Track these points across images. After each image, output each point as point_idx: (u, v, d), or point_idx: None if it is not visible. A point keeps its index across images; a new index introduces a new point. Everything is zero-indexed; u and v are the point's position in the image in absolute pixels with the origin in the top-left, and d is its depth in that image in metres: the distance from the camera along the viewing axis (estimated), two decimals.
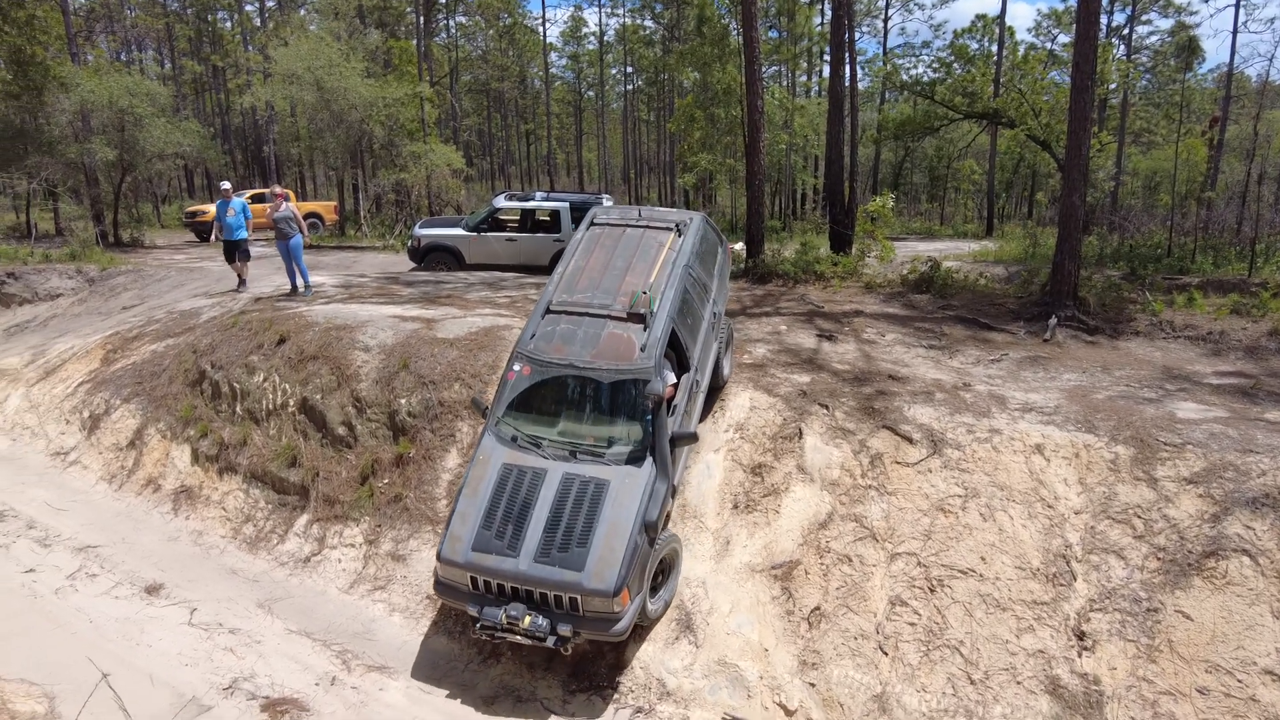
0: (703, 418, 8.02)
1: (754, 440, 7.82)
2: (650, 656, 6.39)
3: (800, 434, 7.69)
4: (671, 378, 6.99)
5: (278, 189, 13.24)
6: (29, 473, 9.96)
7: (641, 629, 6.43)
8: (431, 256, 16.11)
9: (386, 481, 8.30)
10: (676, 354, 7.19)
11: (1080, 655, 5.83)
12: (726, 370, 8.47)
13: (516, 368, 6.94)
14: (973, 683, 5.74)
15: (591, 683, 6.35)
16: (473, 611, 6.02)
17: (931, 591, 6.23)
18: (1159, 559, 6.08)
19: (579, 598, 5.81)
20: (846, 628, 6.22)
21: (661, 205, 44.88)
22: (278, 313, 11.13)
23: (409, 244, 17.08)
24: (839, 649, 6.13)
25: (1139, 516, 6.35)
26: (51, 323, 14.78)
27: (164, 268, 17.10)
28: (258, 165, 38.92)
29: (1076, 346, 9.63)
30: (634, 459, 6.38)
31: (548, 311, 7.19)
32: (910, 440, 7.27)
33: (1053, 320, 9.94)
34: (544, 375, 6.85)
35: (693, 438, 6.82)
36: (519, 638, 5.87)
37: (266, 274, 14.88)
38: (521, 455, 6.57)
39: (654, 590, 6.47)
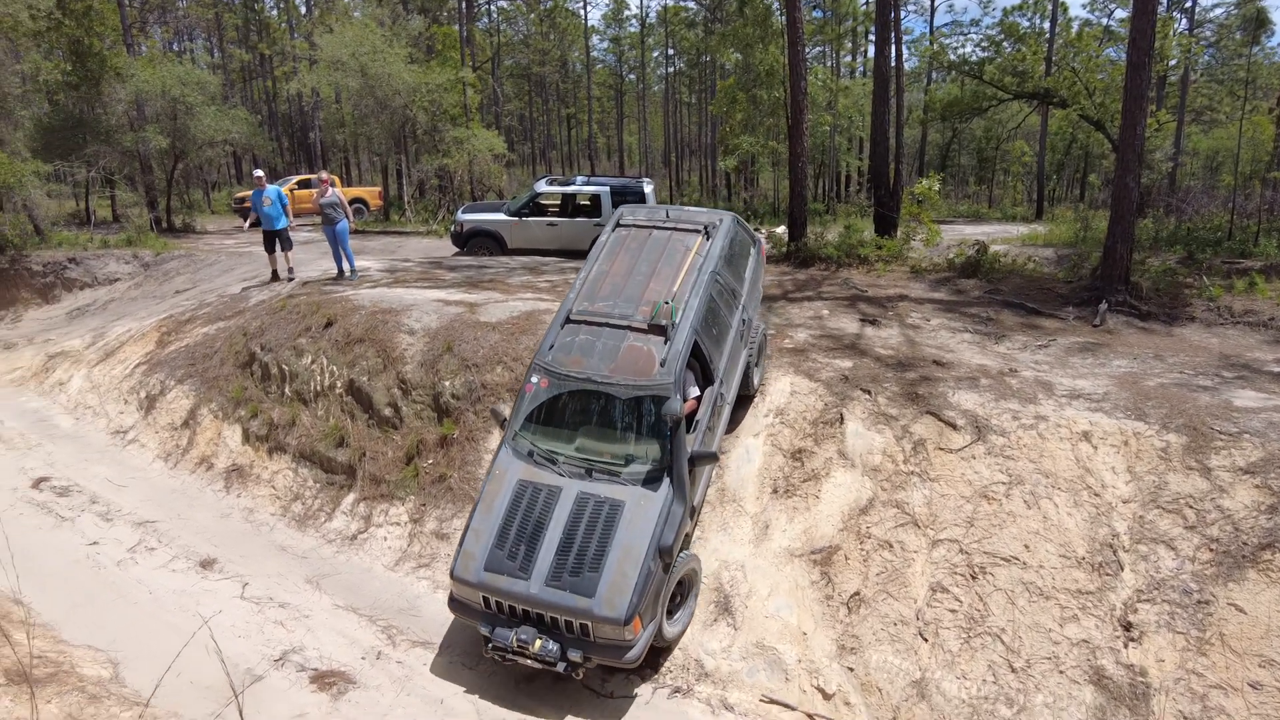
0: (732, 426, 7.79)
1: (794, 425, 7.79)
2: (689, 638, 6.44)
3: (841, 419, 7.64)
4: (694, 391, 6.73)
5: (324, 175, 13.37)
6: (91, 450, 10.35)
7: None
8: (474, 241, 16.27)
9: (431, 462, 8.46)
10: (700, 366, 6.90)
11: (1126, 646, 5.73)
12: (757, 379, 8.12)
13: (534, 380, 6.72)
14: (1014, 671, 5.68)
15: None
16: (484, 631, 5.90)
17: (973, 579, 6.17)
18: (1211, 550, 5.93)
19: (590, 624, 5.64)
20: (886, 613, 6.19)
21: (703, 188, 44.63)
22: (325, 297, 11.37)
23: (452, 229, 17.27)
24: (878, 634, 6.11)
25: (1191, 506, 6.19)
26: (110, 306, 15.29)
27: (214, 253, 17.54)
28: (304, 151, 39.57)
29: (1128, 333, 9.39)
30: (651, 480, 6.10)
31: (568, 321, 6.92)
32: (954, 426, 7.18)
33: (1103, 305, 9.69)
34: (561, 389, 6.62)
35: (713, 458, 6.47)
36: (529, 661, 5.75)
37: (313, 259, 15.18)
38: (537, 471, 6.37)
39: (671, 612, 6.28)
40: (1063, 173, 39.86)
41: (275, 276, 13.74)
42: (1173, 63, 25.40)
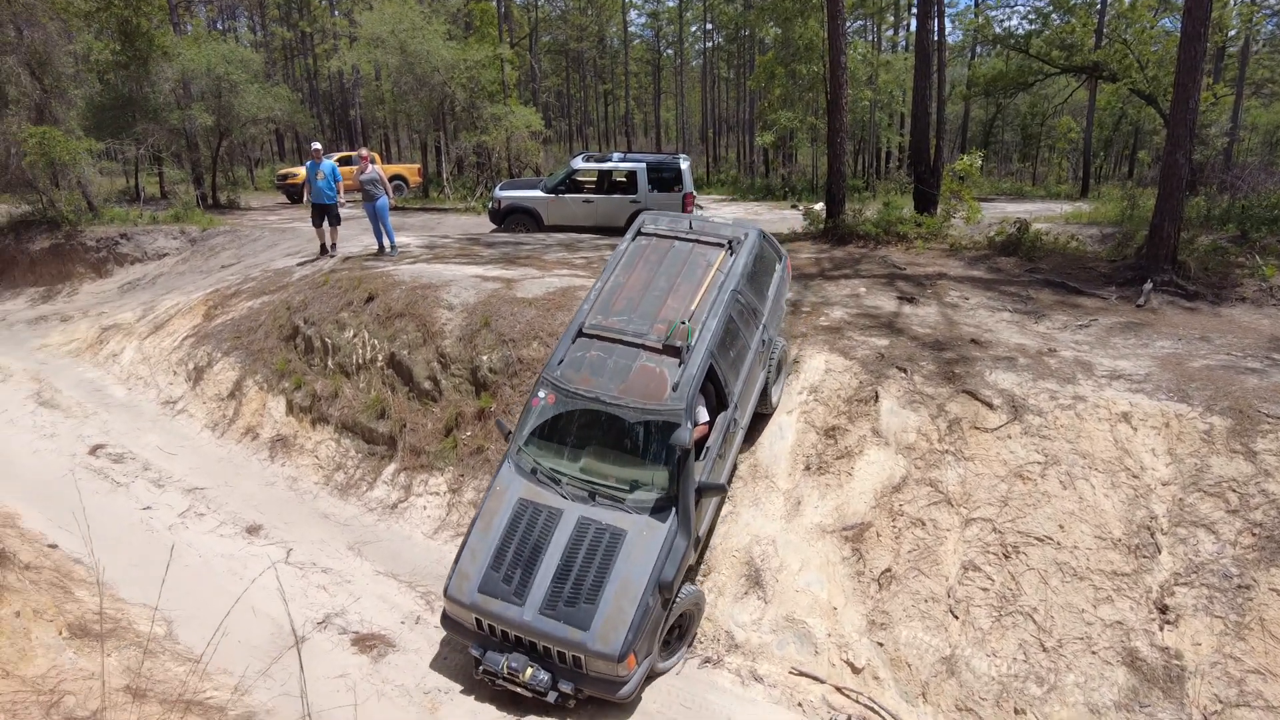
0: (745, 447, 7.52)
1: (828, 403, 7.79)
2: (720, 610, 6.54)
3: (876, 397, 7.63)
4: (704, 416, 6.40)
5: (364, 151, 13.53)
6: (143, 419, 10.72)
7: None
8: (511, 218, 16.37)
9: (469, 434, 8.63)
10: (715, 389, 6.59)
11: (1162, 629, 5.69)
12: (775, 398, 7.79)
13: (541, 395, 6.50)
14: (1045, 650, 5.68)
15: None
16: (475, 654, 5.78)
17: (1006, 558, 6.16)
18: (1254, 535, 5.84)
19: (583, 657, 5.48)
20: (917, 590, 6.22)
21: (740, 164, 44.22)
22: (366, 272, 11.58)
23: (489, 206, 17.39)
24: (908, 611, 6.14)
25: (1234, 490, 6.10)
26: (159, 280, 15.73)
27: (258, 228, 17.89)
28: (344, 128, 40.01)
29: (1173, 313, 9.19)
30: (656, 509, 5.86)
31: (580, 334, 6.65)
32: (990, 406, 7.13)
33: (1147, 285, 9.48)
34: (568, 406, 6.39)
35: (720, 490, 6.20)
36: (519, 689, 5.62)
37: (354, 235, 15.42)
38: (539, 491, 6.16)
39: (668, 646, 6.11)
40: (1110, 149, 38.75)
41: (324, 250, 13.89)
42: (1232, 33, 24.46)
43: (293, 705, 5.49)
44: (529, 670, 5.55)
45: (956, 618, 6.01)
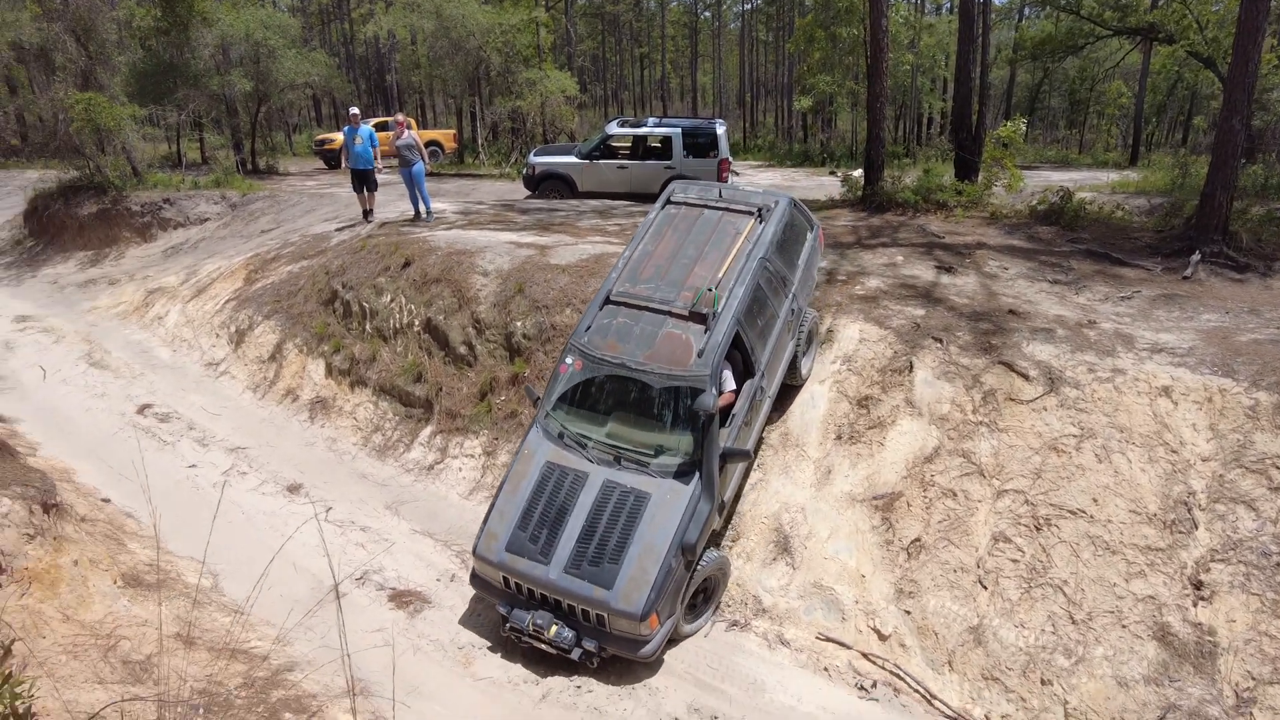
0: (775, 417, 7.55)
1: (861, 373, 7.76)
2: (748, 575, 6.62)
3: (911, 367, 7.57)
4: (731, 384, 6.42)
5: (400, 117, 13.57)
6: (188, 380, 11.03)
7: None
8: (545, 184, 16.35)
9: (503, 398, 8.75)
10: (741, 357, 6.60)
11: (1196, 605, 5.64)
12: (805, 370, 7.72)
13: (569, 361, 6.59)
14: (1074, 623, 5.67)
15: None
16: (502, 611, 5.92)
17: (1037, 530, 6.13)
18: None
19: (606, 616, 5.60)
20: (946, 560, 6.22)
21: (778, 129, 43.56)
22: (402, 237, 11.70)
23: (524, 172, 17.38)
24: (937, 580, 6.15)
25: (1277, 467, 5.98)
26: (201, 245, 16.04)
27: (296, 194, 18.11)
28: (380, 94, 40.08)
29: (1220, 285, 8.94)
30: (681, 473, 5.92)
31: (607, 301, 6.73)
32: (1026, 377, 7.05)
33: (1195, 256, 9.23)
34: (595, 372, 6.48)
35: (745, 455, 6.23)
36: (544, 646, 5.75)
37: (390, 200, 15.55)
38: (565, 455, 6.27)
39: (693, 610, 6.21)
40: (1163, 115, 37.38)
41: (365, 215, 13.94)
42: None
43: (331, 656, 5.71)
44: (554, 628, 5.68)
45: (985, 588, 6.02)
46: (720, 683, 5.79)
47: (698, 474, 5.91)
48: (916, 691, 5.69)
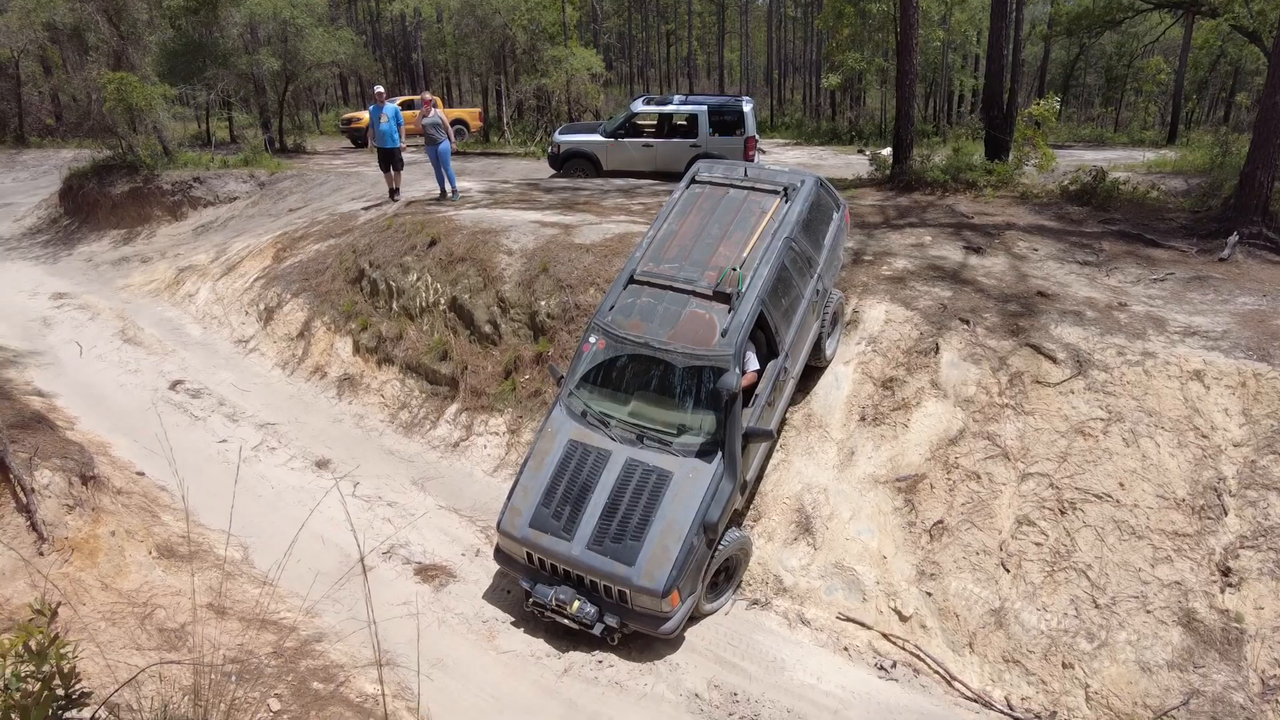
0: (798, 398, 7.54)
1: (886, 354, 7.71)
2: (769, 554, 6.65)
3: (937, 349, 7.52)
4: (754, 364, 6.40)
5: (427, 95, 13.58)
6: (218, 357, 11.21)
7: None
8: (570, 163, 16.32)
9: (527, 377, 8.82)
10: (765, 337, 6.60)
11: (1223, 591, 5.59)
12: (830, 351, 7.70)
13: (592, 340, 6.62)
14: (1098, 607, 5.64)
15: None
16: (525, 586, 6.00)
17: (1062, 514, 6.09)
18: None
19: (628, 592, 5.65)
20: (969, 543, 6.21)
21: (806, 107, 43.01)
22: (428, 216, 11.76)
23: (549, 150, 17.36)
24: (959, 562, 6.14)
25: None
26: (230, 223, 16.22)
27: (324, 172, 18.24)
28: (406, 72, 40.10)
29: (1258, 267, 8.75)
30: (703, 452, 5.94)
31: (631, 281, 6.74)
32: (1054, 360, 6.97)
33: (1233, 237, 9.02)
34: (618, 351, 6.50)
35: (768, 436, 6.26)
36: (566, 620, 5.82)
37: (416, 179, 15.61)
38: (588, 433, 6.31)
39: (716, 589, 6.26)
40: (1204, 93, 36.37)
41: (391, 194, 13.98)
42: None
43: (358, 628, 5.84)
44: (576, 603, 5.74)
45: (1008, 571, 6.00)
46: (741, 660, 5.84)
47: (720, 453, 5.92)
48: (936, 672, 5.70)
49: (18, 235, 18.10)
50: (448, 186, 13.36)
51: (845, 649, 5.95)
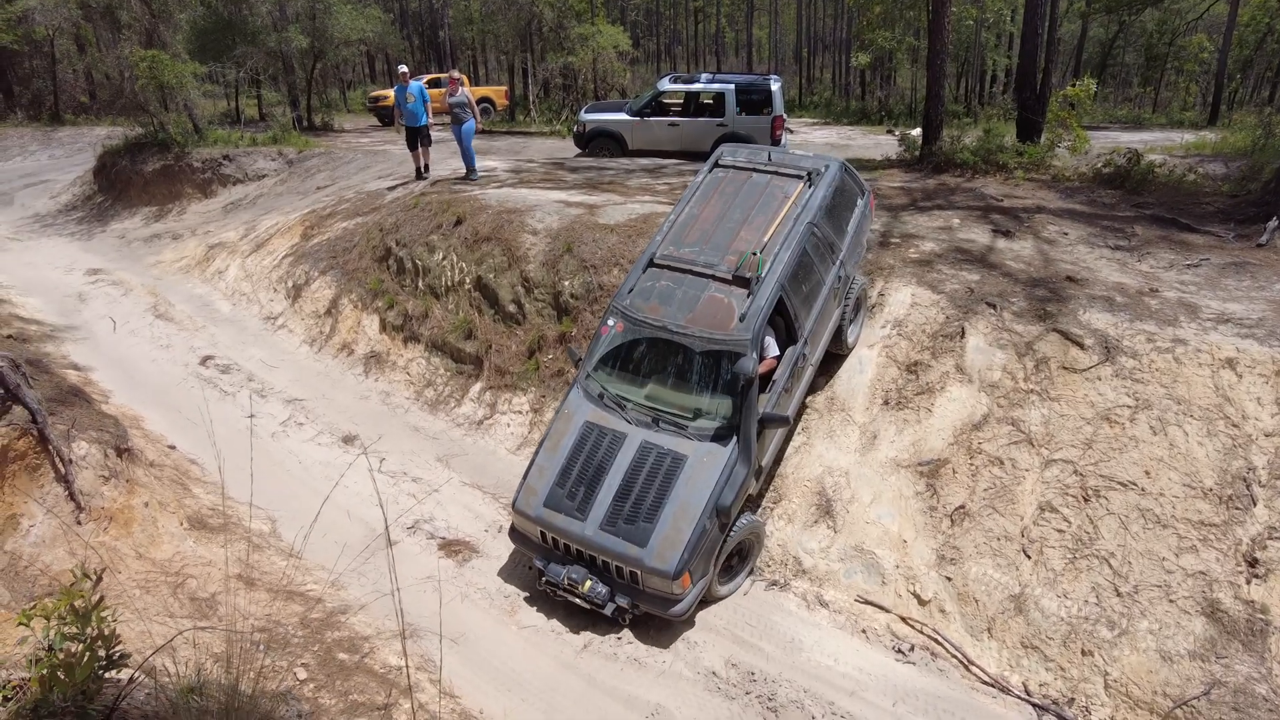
0: (820, 384, 7.52)
1: (912, 338, 7.66)
2: (788, 536, 6.67)
3: (962, 333, 7.45)
4: (773, 350, 6.39)
5: (454, 74, 13.57)
6: (247, 333, 11.39)
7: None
8: (596, 142, 16.25)
9: (550, 357, 8.87)
10: (785, 323, 6.55)
11: (1249, 582, 5.52)
12: (852, 339, 7.64)
13: (610, 323, 6.63)
14: (1119, 595, 5.60)
15: None
16: (539, 565, 6.05)
17: (1085, 501, 6.04)
18: None
19: (639, 573, 5.67)
20: (990, 528, 6.18)
21: (835, 86, 42.42)
22: (454, 195, 11.81)
23: (574, 129, 17.30)
24: (980, 548, 6.13)
25: None
26: (259, 200, 16.41)
27: (351, 150, 18.34)
28: (434, 50, 40.06)
29: None
30: (718, 436, 5.94)
31: (651, 264, 6.74)
32: (1081, 345, 6.88)
33: (1272, 222, 8.80)
34: (636, 335, 6.51)
35: (784, 421, 6.17)
36: (578, 600, 5.84)
37: (443, 158, 15.65)
38: (605, 415, 6.32)
39: (729, 572, 6.27)
40: (1249, 72, 35.27)
41: (419, 173, 14.00)
42: None
43: (382, 601, 5.95)
44: (588, 583, 5.78)
45: (1029, 557, 5.97)
46: (758, 640, 5.89)
47: (735, 438, 5.91)
48: (954, 657, 5.71)
49: (54, 212, 18.44)
50: (466, 165, 13.37)
51: (863, 631, 5.97)
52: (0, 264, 14.38)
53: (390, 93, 26.70)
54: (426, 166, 14.06)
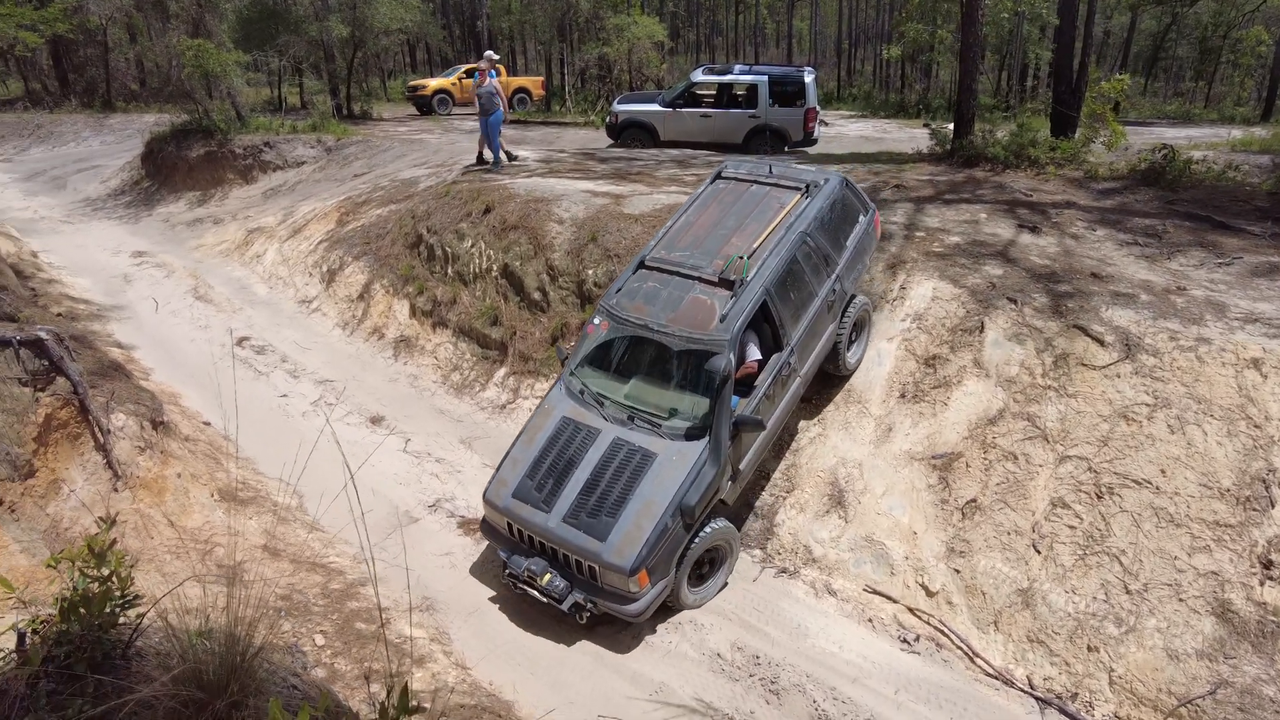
0: (812, 413, 7.44)
1: (931, 331, 7.66)
2: (799, 525, 6.74)
3: (982, 328, 7.44)
4: (755, 353, 6.34)
5: (491, 58, 13.71)
6: (282, 316, 11.72)
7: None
8: (627, 132, 16.34)
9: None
10: (771, 330, 6.49)
11: (1263, 584, 5.47)
12: (852, 360, 7.49)
13: (596, 322, 6.67)
14: (1128, 592, 5.59)
15: (743, 542, 6.83)
16: (503, 556, 6.00)
17: (1098, 498, 6.02)
18: None
19: (597, 568, 5.59)
20: (1001, 522, 6.19)
21: (875, 79, 41.92)
22: (484, 184, 12.00)
23: (606, 120, 17.40)
24: (990, 541, 6.14)
25: None
26: (298, 187, 16.79)
27: (389, 139, 18.67)
28: (473, 39, 40.41)
29: None
30: (690, 436, 5.89)
31: (641, 266, 6.81)
32: (1101, 342, 6.83)
33: None
34: (620, 333, 6.56)
35: (759, 425, 5.96)
36: (536, 593, 5.77)
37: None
38: (582, 411, 6.33)
39: (700, 580, 6.17)
40: None
41: (492, 162, 13.80)
42: None
43: (402, 575, 6.15)
44: (547, 576, 5.73)
45: (1039, 552, 5.97)
46: (765, 625, 5.98)
47: (708, 438, 5.88)
48: (959, 648, 5.75)
49: (103, 196, 19.06)
50: (488, 154, 13.48)
51: (869, 620, 6.03)
52: (53, 246, 14.93)
53: (430, 81, 27.13)
54: (512, 155, 14.04)
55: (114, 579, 2.18)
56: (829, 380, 7.62)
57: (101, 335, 10.36)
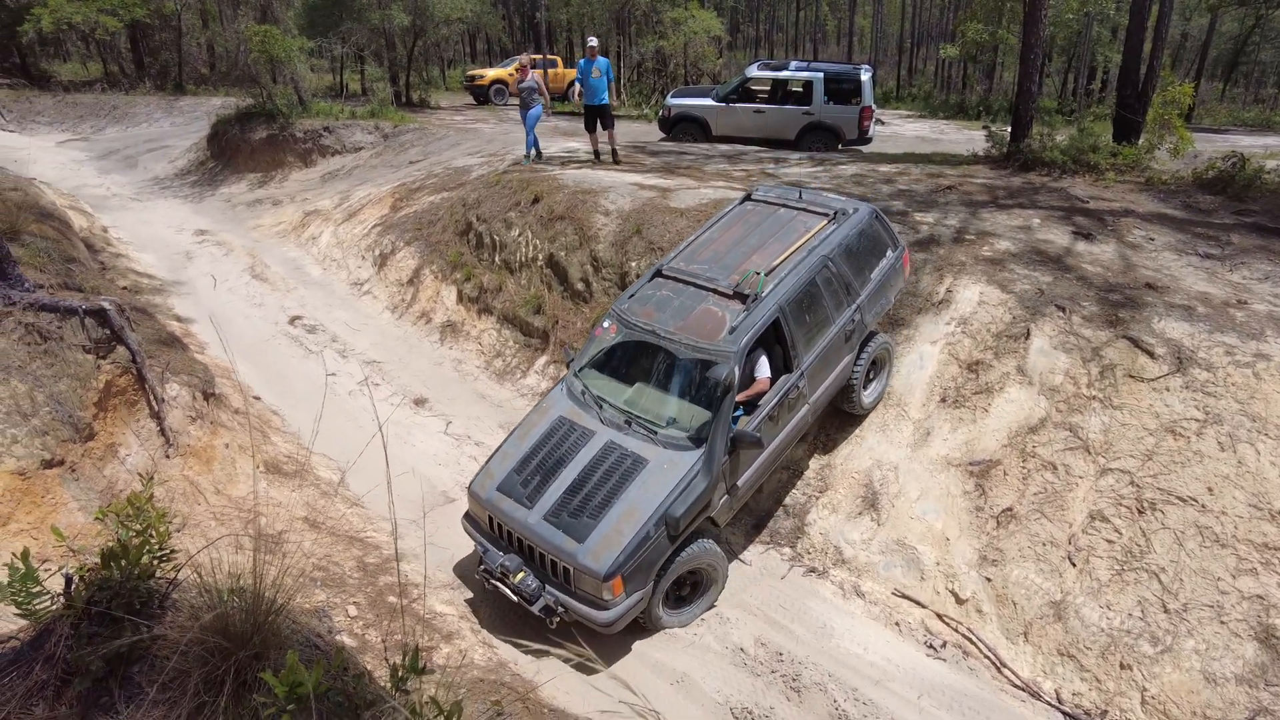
0: (819, 445, 7.31)
1: (975, 336, 7.54)
2: (830, 525, 6.72)
3: (1028, 334, 7.30)
4: (765, 371, 6.16)
5: (523, 59, 13.88)
6: (335, 297, 12.03)
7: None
8: (680, 127, 16.34)
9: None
10: (783, 351, 6.34)
11: None
12: (869, 398, 7.24)
13: (605, 325, 6.59)
14: (1166, 611, 5.45)
15: (773, 539, 6.84)
16: (480, 550, 5.87)
17: (1140, 513, 5.87)
18: None
19: (571, 570, 5.39)
20: (1036, 533, 6.08)
21: (937, 78, 41.11)
22: (534, 175, 12.14)
23: (659, 113, 17.41)
24: (1024, 551, 6.04)
25: None
26: (355, 172, 17.18)
27: (444, 127, 18.96)
28: (532, 31, 40.76)
29: None
30: (685, 447, 5.72)
31: (658, 274, 6.74)
32: (1151, 354, 6.64)
33: None
34: (627, 338, 6.45)
35: (756, 442, 5.71)
36: (508, 591, 5.56)
37: (554, 139, 16.00)
38: (579, 412, 6.21)
39: (680, 604, 5.98)
40: None
41: (596, 156, 13.40)
42: None
43: (436, 554, 6.31)
44: (520, 574, 5.56)
45: (1074, 565, 5.85)
46: (790, 623, 5.98)
47: (703, 449, 5.70)
48: (986, 657, 5.67)
49: (171, 176, 19.75)
50: (531, 151, 13.54)
51: (896, 624, 5.98)
52: (122, 222, 15.54)
53: (488, 71, 27.45)
54: (615, 151, 13.20)
55: (152, 532, 2.31)
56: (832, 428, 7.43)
57: (162, 308, 10.77)
